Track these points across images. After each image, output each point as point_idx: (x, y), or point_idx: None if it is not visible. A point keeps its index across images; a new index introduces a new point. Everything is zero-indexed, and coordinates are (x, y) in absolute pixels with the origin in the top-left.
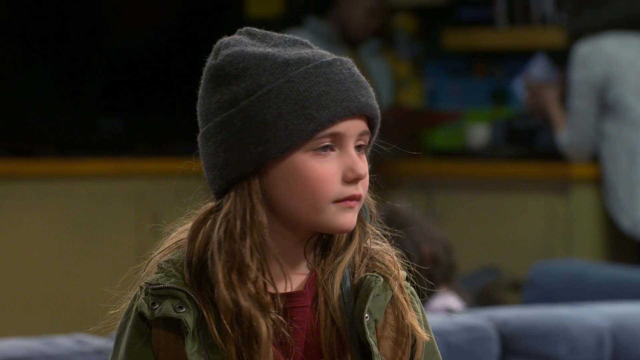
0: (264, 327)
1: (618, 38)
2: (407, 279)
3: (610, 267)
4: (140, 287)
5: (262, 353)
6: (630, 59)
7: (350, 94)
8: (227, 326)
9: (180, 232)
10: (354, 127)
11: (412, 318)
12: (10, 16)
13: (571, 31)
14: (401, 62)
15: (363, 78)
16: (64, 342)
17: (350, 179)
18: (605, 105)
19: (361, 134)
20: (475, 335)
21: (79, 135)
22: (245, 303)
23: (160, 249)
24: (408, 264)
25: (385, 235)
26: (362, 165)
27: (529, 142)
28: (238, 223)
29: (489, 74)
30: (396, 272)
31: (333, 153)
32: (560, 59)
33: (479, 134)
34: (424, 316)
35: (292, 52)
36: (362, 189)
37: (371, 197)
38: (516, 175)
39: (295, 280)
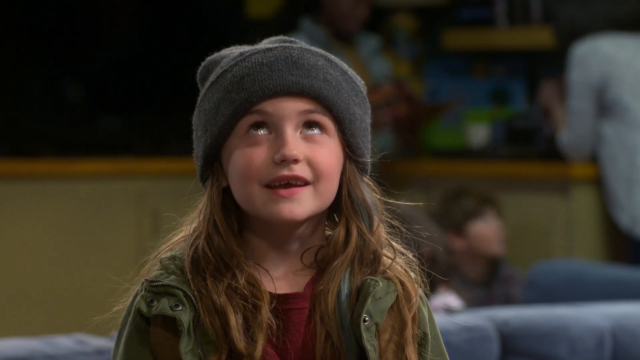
0: (232, 319)
1: (614, 38)
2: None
3: (610, 267)
4: (142, 284)
5: (236, 343)
6: (627, 60)
7: (274, 74)
8: (207, 319)
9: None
10: (287, 107)
11: (412, 352)
12: (10, 16)
13: (560, 31)
14: (401, 62)
15: (309, 61)
16: (64, 342)
17: (278, 161)
18: (603, 106)
19: (305, 113)
20: (475, 335)
21: (79, 135)
22: (216, 296)
23: (167, 244)
24: (418, 266)
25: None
26: (292, 147)
27: (529, 142)
28: (201, 219)
29: (489, 74)
30: (413, 291)
31: (269, 136)
32: (560, 59)
33: (479, 134)
34: (430, 316)
35: (255, 46)
36: (300, 170)
37: (378, 198)
38: (516, 175)
39: (294, 281)
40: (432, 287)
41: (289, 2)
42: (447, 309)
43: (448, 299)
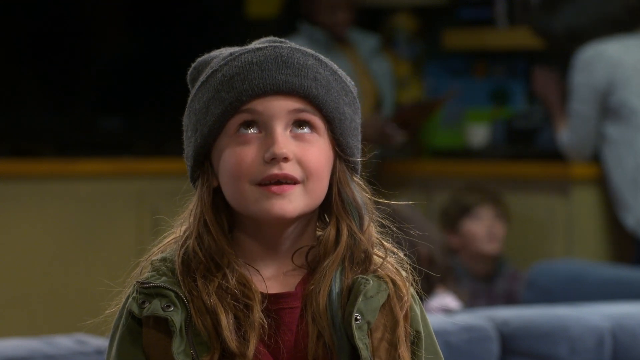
0: (223, 320)
1: (620, 42)
2: (410, 280)
3: (611, 267)
4: (133, 286)
5: (228, 343)
6: (633, 63)
7: (264, 73)
8: (198, 319)
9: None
10: (277, 106)
11: (404, 351)
12: (10, 16)
13: (543, 32)
14: (401, 62)
15: (299, 60)
16: (64, 342)
17: (268, 159)
18: (609, 109)
19: (295, 112)
20: (475, 335)
21: (79, 135)
22: (206, 297)
23: (158, 246)
24: (410, 265)
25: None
26: (282, 145)
27: (529, 142)
28: (192, 220)
29: (489, 74)
30: (405, 290)
31: (259, 135)
32: (561, 59)
33: (479, 134)
34: (422, 314)
35: (245, 46)
36: (290, 169)
37: (369, 197)
38: (516, 175)
39: (285, 281)
40: (430, 287)
41: (288, 3)
42: (445, 310)
43: (446, 300)
